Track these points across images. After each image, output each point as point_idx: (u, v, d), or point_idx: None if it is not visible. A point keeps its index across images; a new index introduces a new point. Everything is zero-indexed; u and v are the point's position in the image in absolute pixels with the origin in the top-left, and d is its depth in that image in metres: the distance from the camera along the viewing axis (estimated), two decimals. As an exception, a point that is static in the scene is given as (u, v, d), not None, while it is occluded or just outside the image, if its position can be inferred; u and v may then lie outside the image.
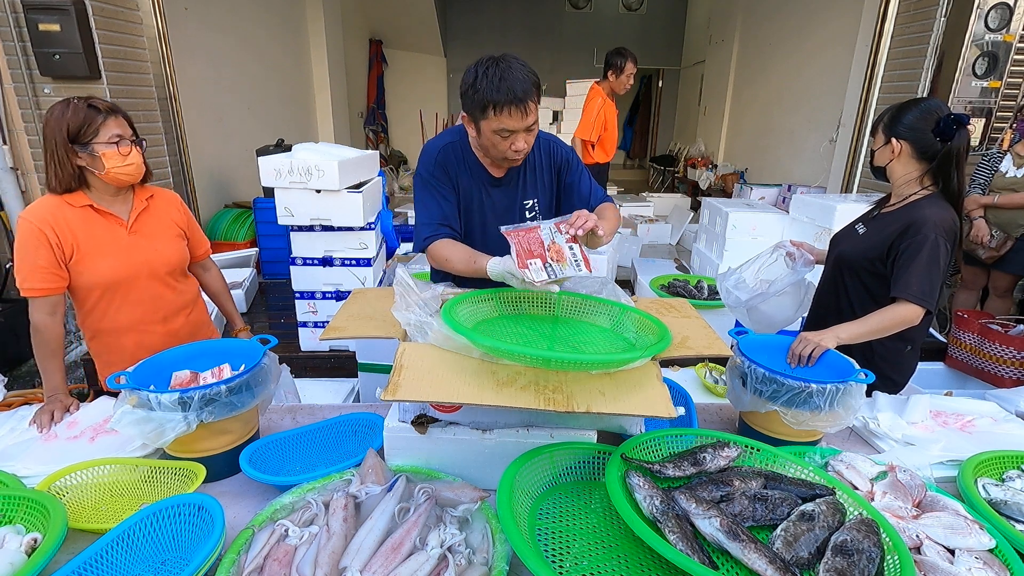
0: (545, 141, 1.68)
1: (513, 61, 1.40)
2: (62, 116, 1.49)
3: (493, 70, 1.38)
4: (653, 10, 10.17)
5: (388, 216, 3.35)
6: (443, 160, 1.62)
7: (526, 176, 1.68)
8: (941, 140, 1.59)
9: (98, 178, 1.56)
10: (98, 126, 1.50)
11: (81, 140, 1.50)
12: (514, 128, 1.43)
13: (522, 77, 1.38)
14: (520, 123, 1.42)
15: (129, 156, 1.55)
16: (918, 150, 1.63)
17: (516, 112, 1.40)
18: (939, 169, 1.63)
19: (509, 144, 1.46)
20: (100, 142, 1.51)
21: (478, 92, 1.40)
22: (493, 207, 1.67)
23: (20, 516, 1.00)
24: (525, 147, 1.48)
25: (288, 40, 6.40)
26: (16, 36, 3.15)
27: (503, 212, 1.68)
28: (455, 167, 1.63)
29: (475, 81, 1.41)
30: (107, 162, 1.52)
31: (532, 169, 1.68)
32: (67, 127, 1.49)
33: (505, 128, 1.42)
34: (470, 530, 1.03)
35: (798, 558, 0.89)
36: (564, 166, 1.70)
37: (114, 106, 1.56)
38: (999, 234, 3.24)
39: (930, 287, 1.55)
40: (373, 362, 2.34)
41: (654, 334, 1.22)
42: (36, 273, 1.53)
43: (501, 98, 1.38)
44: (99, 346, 1.74)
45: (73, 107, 1.50)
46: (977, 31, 3.43)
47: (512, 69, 1.38)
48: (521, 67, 1.40)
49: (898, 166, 1.69)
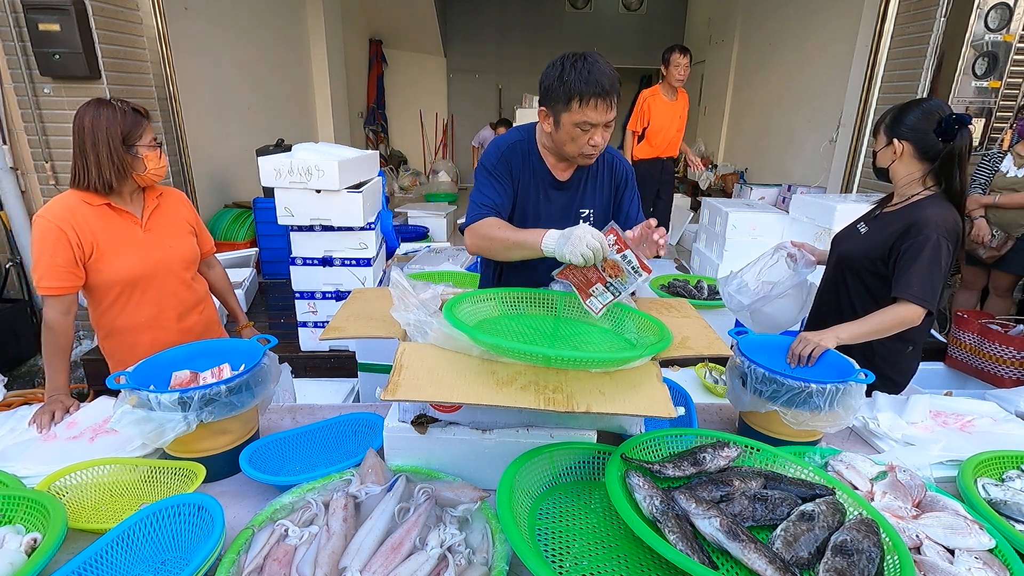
0: (611, 154, 1.71)
1: (599, 57, 1.43)
2: (109, 118, 1.56)
3: (581, 64, 1.41)
4: (653, 10, 10.16)
5: (388, 216, 3.35)
6: (508, 156, 1.65)
7: (587, 183, 1.69)
8: (943, 140, 1.59)
9: (124, 178, 1.62)
10: (143, 130, 1.61)
11: (129, 142, 1.58)
12: (596, 121, 1.45)
13: (609, 72, 1.42)
14: (603, 116, 1.44)
15: (161, 158, 1.66)
16: (920, 150, 1.63)
17: (602, 105, 1.42)
18: (941, 169, 1.63)
19: (588, 138, 1.48)
20: (143, 145, 1.61)
21: (564, 84, 1.42)
22: (549, 210, 1.68)
23: (20, 516, 1.00)
24: (601, 143, 1.50)
25: (288, 40, 6.40)
26: (16, 36, 3.15)
27: (558, 216, 1.69)
28: (519, 165, 1.65)
29: (562, 73, 1.43)
30: (148, 163, 1.62)
31: (594, 177, 1.70)
32: (120, 129, 1.56)
33: (588, 121, 1.44)
34: (470, 530, 1.03)
35: (798, 558, 0.89)
36: (623, 182, 1.72)
37: (148, 111, 1.65)
38: (1000, 234, 3.24)
39: (931, 288, 1.55)
40: (373, 362, 2.34)
41: (655, 334, 1.22)
42: (53, 272, 1.54)
43: (589, 90, 1.40)
44: (113, 344, 1.75)
45: (120, 110, 1.58)
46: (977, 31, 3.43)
47: (599, 64, 1.42)
48: (607, 63, 1.43)
49: (900, 167, 1.69)
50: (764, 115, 6.82)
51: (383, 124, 9.88)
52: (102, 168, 1.57)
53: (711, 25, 8.68)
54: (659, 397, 1.05)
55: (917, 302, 1.55)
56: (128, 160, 1.59)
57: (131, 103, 1.62)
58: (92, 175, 1.57)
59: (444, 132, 10.57)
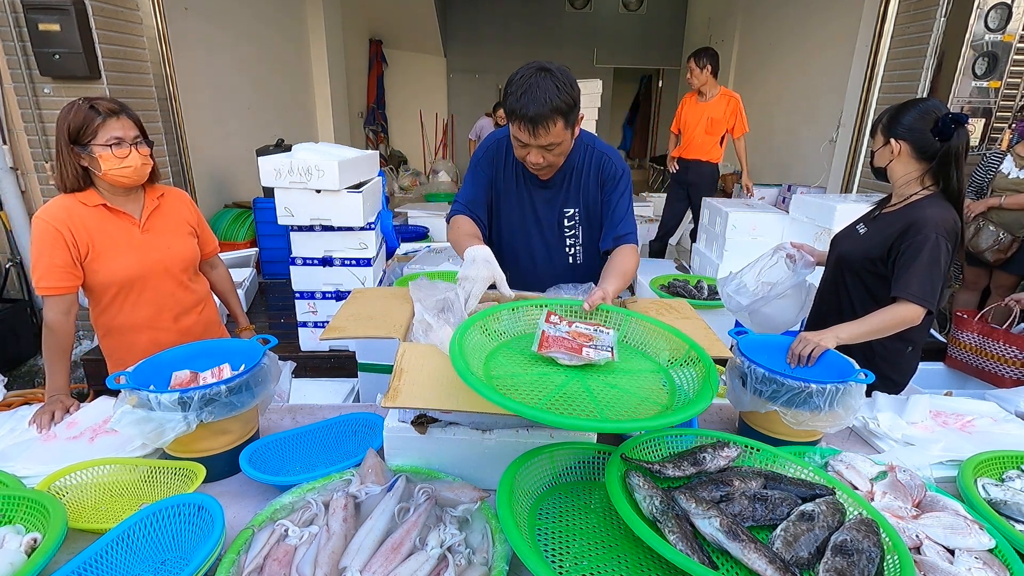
0: (600, 154, 1.66)
1: (550, 79, 1.35)
2: (65, 117, 1.51)
3: (529, 81, 1.36)
4: (653, 10, 10.16)
5: (388, 216, 3.35)
6: (493, 153, 1.65)
7: (571, 183, 1.67)
8: (940, 140, 1.60)
9: (86, 177, 1.58)
10: (96, 128, 1.50)
11: (81, 141, 1.51)
12: (524, 141, 1.42)
13: (545, 99, 1.34)
14: (529, 139, 1.41)
15: (126, 159, 1.55)
16: (917, 150, 1.65)
17: (525, 128, 1.39)
18: (939, 168, 1.64)
19: (524, 153, 1.47)
20: (98, 144, 1.51)
21: (506, 96, 1.41)
22: (534, 208, 1.69)
23: (20, 516, 1.00)
24: (542, 162, 1.47)
25: (288, 40, 6.40)
26: (16, 36, 3.15)
27: (544, 215, 1.70)
28: (501, 161, 1.65)
29: (508, 83, 1.40)
30: (103, 164, 1.53)
31: (579, 178, 1.67)
32: (68, 128, 1.50)
33: (517, 138, 1.43)
34: (470, 530, 1.03)
35: (798, 558, 0.89)
36: (608, 181, 1.67)
37: (118, 108, 1.55)
38: (1006, 236, 3.24)
39: (931, 287, 1.56)
40: (373, 362, 2.34)
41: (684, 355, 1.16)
42: (52, 272, 1.54)
43: (515, 111, 1.37)
44: (112, 344, 1.75)
45: (76, 108, 1.51)
46: (977, 31, 3.43)
47: (540, 87, 1.34)
48: (554, 87, 1.34)
49: (898, 166, 1.70)
50: (764, 115, 6.81)
51: (383, 124, 9.88)
52: (65, 167, 1.54)
53: (711, 25, 8.68)
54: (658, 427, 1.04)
55: (917, 302, 1.55)
56: (83, 159, 1.54)
57: (100, 100, 1.54)
58: (61, 175, 1.55)
59: (444, 132, 10.57)
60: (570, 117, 1.41)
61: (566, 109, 1.38)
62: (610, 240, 1.68)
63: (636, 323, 1.31)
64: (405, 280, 2.79)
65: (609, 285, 1.41)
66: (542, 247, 1.76)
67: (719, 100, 4.60)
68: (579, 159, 1.66)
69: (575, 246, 1.77)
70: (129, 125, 1.56)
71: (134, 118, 1.58)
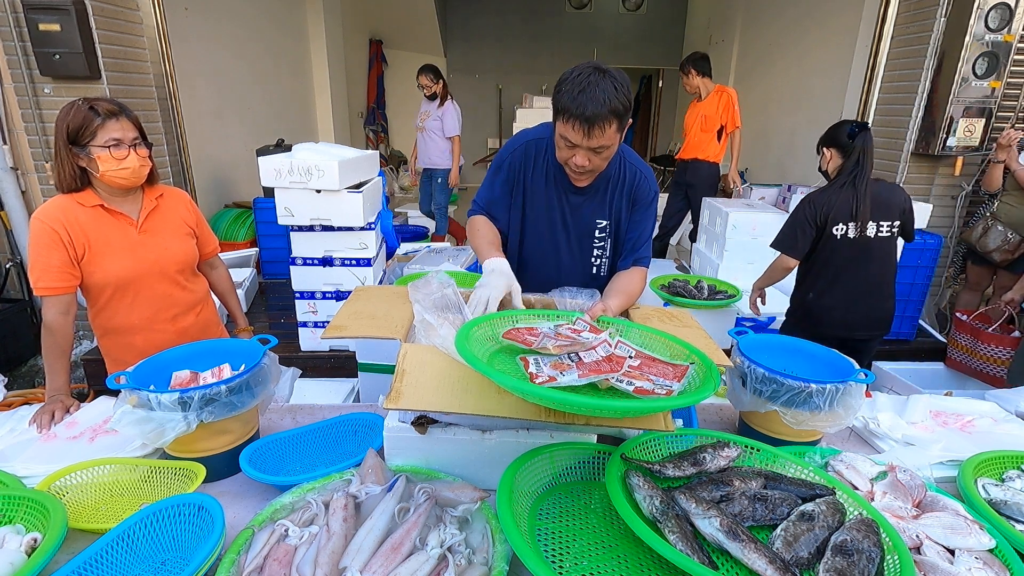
0: (633, 169, 1.62)
1: (608, 79, 1.33)
2: (64, 117, 1.50)
3: (585, 80, 1.32)
4: (653, 10, 10.15)
5: (388, 216, 3.35)
6: (520, 157, 1.61)
7: (606, 193, 1.63)
8: (851, 140, 2.32)
9: (84, 178, 1.58)
10: (95, 129, 1.50)
11: (79, 142, 1.51)
12: (575, 141, 1.38)
13: (604, 99, 1.31)
14: (581, 139, 1.37)
15: (125, 160, 1.55)
16: (840, 151, 2.38)
17: (579, 128, 1.35)
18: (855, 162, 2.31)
19: (570, 155, 1.43)
20: (96, 145, 1.51)
21: (558, 93, 1.37)
22: (563, 214, 1.64)
23: (20, 516, 1.00)
24: (587, 165, 1.44)
25: (288, 40, 6.40)
26: (16, 36, 3.15)
27: (574, 222, 1.65)
28: (531, 165, 1.60)
29: (562, 82, 1.36)
30: (101, 165, 1.53)
31: (616, 190, 1.63)
32: (67, 128, 1.50)
33: (566, 137, 1.39)
34: (470, 530, 1.03)
35: (798, 558, 0.89)
36: (640, 200, 1.64)
37: (117, 109, 1.55)
38: (1015, 236, 3.22)
39: (785, 237, 2.45)
40: (373, 362, 2.33)
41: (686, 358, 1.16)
42: (49, 272, 1.54)
43: (570, 109, 1.33)
44: (109, 344, 1.75)
45: (75, 109, 1.51)
46: (977, 31, 3.42)
47: (599, 87, 1.31)
48: (612, 87, 1.32)
49: (832, 166, 2.43)
50: (764, 115, 6.81)
51: (383, 124, 9.87)
52: (63, 168, 1.54)
53: (711, 25, 8.68)
54: (658, 412, 1.04)
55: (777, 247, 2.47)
56: (81, 160, 1.54)
57: (100, 101, 1.54)
58: (59, 175, 1.55)
59: (444, 132, 10.55)
60: (623, 121, 1.39)
61: (622, 111, 1.36)
62: (629, 261, 1.66)
63: (637, 333, 1.30)
64: (405, 280, 2.79)
65: (612, 301, 1.40)
66: (568, 254, 1.71)
67: (712, 97, 4.62)
68: (613, 169, 1.60)
69: (602, 257, 1.72)
70: (128, 127, 1.56)
71: (133, 119, 1.58)
